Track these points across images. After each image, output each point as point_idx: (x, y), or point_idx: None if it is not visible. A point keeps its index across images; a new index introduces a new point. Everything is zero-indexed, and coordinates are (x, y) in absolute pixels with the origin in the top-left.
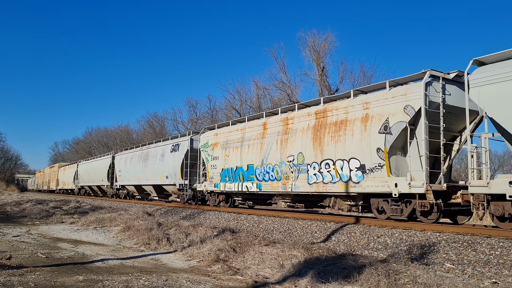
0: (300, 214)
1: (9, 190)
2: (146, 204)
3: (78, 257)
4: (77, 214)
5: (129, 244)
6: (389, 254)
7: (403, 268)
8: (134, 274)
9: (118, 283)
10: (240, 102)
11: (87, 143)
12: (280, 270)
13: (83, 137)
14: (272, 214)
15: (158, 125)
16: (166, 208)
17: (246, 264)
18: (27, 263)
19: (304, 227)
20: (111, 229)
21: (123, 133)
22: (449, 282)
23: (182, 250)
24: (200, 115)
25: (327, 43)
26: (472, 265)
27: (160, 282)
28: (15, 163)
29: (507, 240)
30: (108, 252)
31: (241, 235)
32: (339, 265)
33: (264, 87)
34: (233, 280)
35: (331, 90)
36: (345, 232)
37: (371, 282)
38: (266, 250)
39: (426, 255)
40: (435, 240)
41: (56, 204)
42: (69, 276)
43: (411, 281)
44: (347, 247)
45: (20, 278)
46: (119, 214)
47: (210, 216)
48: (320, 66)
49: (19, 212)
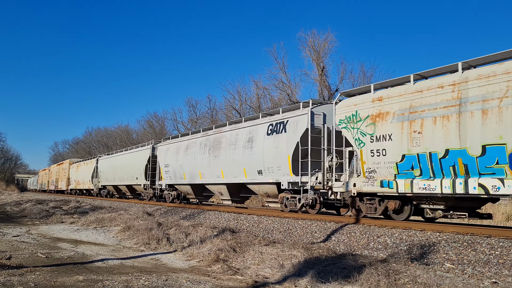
0: (300, 214)
1: (9, 190)
2: (146, 204)
3: (78, 257)
4: (77, 214)
5: (129, 244)
6: (389, 254)
7: (403, 268)
8: (134, 274)
9: (118, 283)
10: (240, 102)
11: (87, 143)
12: (280, 270)
13: (83, 137)
14: (272, 214)
15: (158, 125)
16: (166, 208)
17: (246, 264)
18: (27, 263)
19: (304, 227)
20: (111, 229)
21: (123, 133)
22: (449, 282)
23: (182, 250)
24: (200, 115)
25: (327, 43)
26: (472, 265)
27: (160, 282)
28: (15, 163)
29: (507, 240)
30: (108, 252)
31: (241, 235)
32: (339, 265)
33: (264, 87)
34: (233, 280)
35: (331, 90)
36: (345, 232)
37: (371, 282)
38: (266, 250)
39: (426, 255)
40: (435, 240)
41: (56, 204)
42: (69, 276)
43: (411, 281)
44: (347, 247)
45: (20, 278)
46: (119, 214)
47: (210, 216)
48: (320, 66)
49: (19, 212)
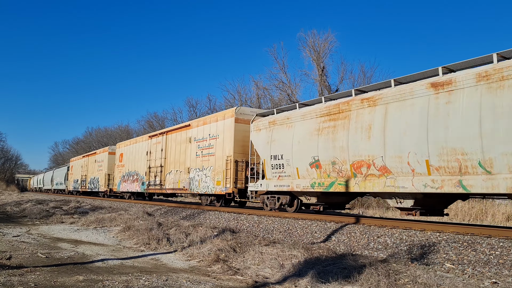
0: (300, 214)
1: (9, 190)
2: (146, 204)
3: (78, 257)
4: (77, 214)
5: (129, 244)
6: (389, 254)
7: (403, 268)
8: (134, 274)
9: (118, 283)
10: (240, 102)
11: (87, 143)
12: (280, 270)
13: (83, 137)
14: (272, 214)
15: (158, 125)
16: (166, 208)
17: (246, 264)
18: (27, 263)
19: (304, 227)
20: (111, 229)
21: (123, 133)
22: (449, 282)
23: (182, 250)
24: (200, 115)
25: (327, 43)
26: (472, 265)
27: (160, 282)
28: (15, 163)
29: (507, 240)
30: (108, 252)
31: (241, 235)
32: (339, 265)
33: (264, 87)
34: (233, 280)
35: (331, 90)
36: (345, 232)
37: (371, 282)
38: (266, 250)
39: (426, 255)
40: (435, 240)
41: (56, 204)
42: (69, 276)
43: (411, 281)
44: (347, 247)
45: (20, 278)
46: (119, 214)
47: (210, 216)
48: (320, 66)
49: (19, 212)
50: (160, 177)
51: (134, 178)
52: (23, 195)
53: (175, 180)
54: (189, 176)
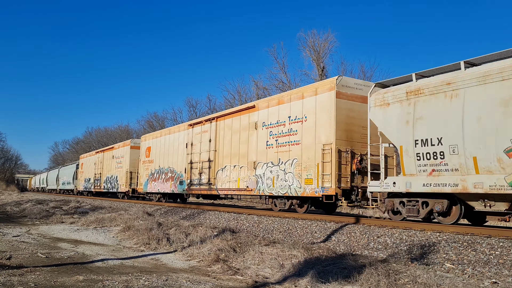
0: (300, 214)
1: (9, 190)
2: (146, 204)
3: (78, 257)
4: (77, 214)
5: (129, 244)
6: (389, 254)
7: (403, 268)
8: (134, 274)
9: (118, 283)
10: (240, 102)
11: (87, 143)
12: (280, 270)
13: (83, 137)
14: (272, 214)
15: (158, 125)
16: (166, 208)
17: (246, 264)
18: (27, 263)
19: (304, 227)
20: (111, 229)
21: (123, 133)
22: (449, 282)
23: (182, 250)
24: (200, 115)
25: (327, 43)
26: (472, 265)
27: (160, 282)
28: (15, 163)
29: (507, 240)
30: (108, 252)
31: (241, 235)
32: (339, 265)
33: (264, 87)
34: (233, 280)
35: None
36: (345, 232)
37: (371, 282)
38: (266, 250)
39: (426, 255)
40: (435, 240)
41: (56, 204)
42: (69, 276)
43: (411, 281)
44: (347, 247)
45: (20, 278)
46: (119, 214)
47: (210, 216)
48: (320, 66)
49: (19, 212)
50: (208, 174)
51: (167, 177)
52: (23, 195)
53: (233, 178)
54: (256, 173)
